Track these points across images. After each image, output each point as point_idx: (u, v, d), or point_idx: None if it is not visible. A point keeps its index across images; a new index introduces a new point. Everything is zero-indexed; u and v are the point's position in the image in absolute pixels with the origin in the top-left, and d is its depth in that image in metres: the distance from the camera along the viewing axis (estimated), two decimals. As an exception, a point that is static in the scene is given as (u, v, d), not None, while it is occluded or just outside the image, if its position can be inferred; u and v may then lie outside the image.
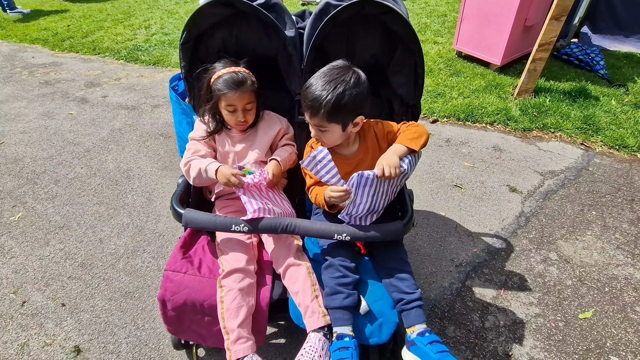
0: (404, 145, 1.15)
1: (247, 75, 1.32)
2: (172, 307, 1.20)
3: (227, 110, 1.33)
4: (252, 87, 1.32)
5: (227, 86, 1.28)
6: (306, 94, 1.15)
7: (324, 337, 1.11)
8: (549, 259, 1.90)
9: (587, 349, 1.51)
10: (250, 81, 1.31)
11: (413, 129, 1.21)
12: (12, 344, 1.53)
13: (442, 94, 3.33)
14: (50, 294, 1.73)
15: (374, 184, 1.11)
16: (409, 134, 1.19)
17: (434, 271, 1.85)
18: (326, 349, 1.09)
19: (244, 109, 1.33)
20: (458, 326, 1.60)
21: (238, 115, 1.33)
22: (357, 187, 1.10)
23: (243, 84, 1.29)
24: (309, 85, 1.15)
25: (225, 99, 1.31)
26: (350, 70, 1.15)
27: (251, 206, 1.17)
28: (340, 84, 1.11)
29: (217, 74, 1.30)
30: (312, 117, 1.16)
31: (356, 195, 1.12)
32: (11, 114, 3.15)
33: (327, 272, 1.17)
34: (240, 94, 1.29)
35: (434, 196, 2.29)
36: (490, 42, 3.51)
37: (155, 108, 3.27)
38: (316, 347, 1.07)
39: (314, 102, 1.12)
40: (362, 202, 1.14)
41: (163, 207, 2.20)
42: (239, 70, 1.31)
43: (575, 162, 2.60)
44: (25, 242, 1.99)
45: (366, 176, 1.09)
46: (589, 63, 3.59)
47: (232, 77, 1.29)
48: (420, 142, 1.17)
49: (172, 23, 5.14)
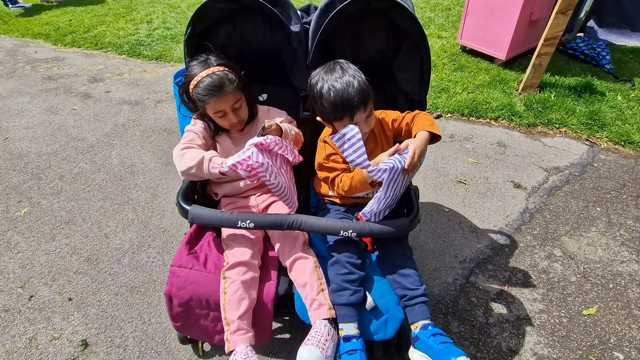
0: (427, 131, 1.15)
1: (224, 75, 1.23)
2: (179, 302, 1.21)
3: (217, 116, 1.29)
4: (233, 86, 1.24)
5: (207, 94, 1.21)
6: (336, 98, 1.13)
7: (330, 325, 1.12)
8: (553, 255, 1.90)
9: (590, 345, 1.52)
10: (227, 81, 1.23)
11: (425, 117, 1.21)
12: (20, 337, 1.55)
13: (446, 89, 3.31)
14: (57, 289, 1.74)
15: (399, 175, 1.07)
16: (424, 121, 1.19)
17: (437, 267, 1.85)
18: (332, 335, 1.09)
19: (233, 109, 1.28)
20: (462, 322, 1.61)
21: (230, 118, 1.29)
22: (389, 181, 1.07)
23: (222, 88, 1.22)
24: (333, 90, 1.14)
25: (210, 107, 1.26)
26: (337, 63, 1.20)
27: (256, 157, 1.06)
28: (345, 72, 1.15)
29: (193, 83, 1.23)
30: (358, 112, 1.15)
31: (389, 188, 1.08)
32: (15, 109, 3.16)
33: (333, 269, 1.18)
34: (224, 97, 1.23)
35: (438, 192, 2.29)
36: (495, 36, 3.48)
37: (159, 103, 3.26)
38: (322, 332, 1.08)
39: (351, 98, 1.12)
40: (386, 196, 1.11)
41: (167, 203, 2.21)
42: (212, 71, 1.22)
43: (580, 158, 2.59)
44: (31, 237, 2.00)
45: (397, 169, 1.04)
46: (595, 58, 3.56)
47: (209, 83, 1.21)
48: (437, 128, 1.17)
49: (174, 17, 5.11)
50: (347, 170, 1.31)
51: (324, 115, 1.22)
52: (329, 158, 1.32)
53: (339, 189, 1.31)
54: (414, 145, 1.09)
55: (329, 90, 1.15)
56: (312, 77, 1.22)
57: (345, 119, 1.16)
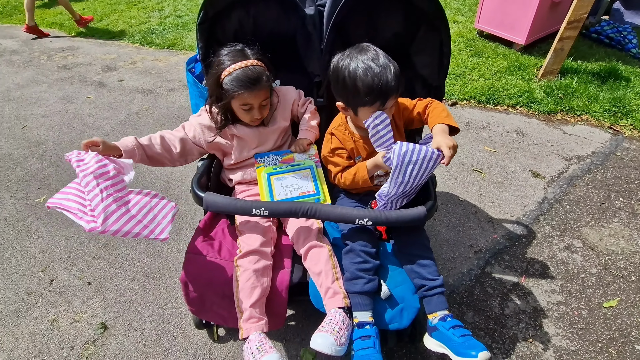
0: (446, 124, 1.11)
1: (261, 70, 1.21)
2: (194, 288, 1.23)
3: (242, 109, 1.26)
4: (267, 83, 1.22)
5: (242, 85, 1.18)
6: (373, 80, 1.08)
7: (345, 314, 1.11)
8: (573, 246, 1.85)
9: (611, 337, 1.48)
10: (265, 76, 1.21)
11: (440, 108, 1.17)
12: (42, 319, 1.60)
13: (462, 75, 3.22)
14: (77, 273, 1.79)
15: (425, 163, 1.03)
16: (440, 113, 1.15)
17: (452, 257, 1.83)
18: (347, 324, 1.09)
19: (260, 106, 1.26)
20: (477, 312, 1.59)
21: (254, 114, 1.26)
22: (405, 162, 1.02)
23: (258, 82, 1.19)
24: (370, 72, 1.09)
25: (239, 99, 1.22)
26: (367, 45, 1.16)
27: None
28: (379, 54, 1.12)
29: (227, 70, 1.19)
30: (391, 98, 1.12)
31: (400, 172, 1.04)
32: (32, 98, 3.21)
33: (347, 257, 1.17)
34: (256, 92, 1.21)
35: (453, 181, 2.24)
36: (515, 20, 3.34)
37: (171, 92, 3.27)
38: (337, 320, 1.08)
39: (389, 82, 1.09)
40: (404, 181, 1.06)
41: (181, 190, 2.23)
42: (251, 64, 1.20)
43: (603, 146, 2.49)
44: (50, 222, 2.05)
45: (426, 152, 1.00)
46: (621, 42, 3.39)
47: (245, 75, 1.18)
48: (453, 120, 1.13)
49: (185, 5, 5.07)
50: (350, 166, 1.29)
51: (351, 97, 1.16)
52: (333, 152, 1.30)
53: (341, 184, 1.30)
54: (444, 142, 1.04)
55: (366, 71, 1.09)
56: (341, 58, 1.17)
57: (376, 103, 1.12)
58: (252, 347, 1.08)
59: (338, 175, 1.29)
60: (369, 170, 1.21)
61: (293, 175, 1.30)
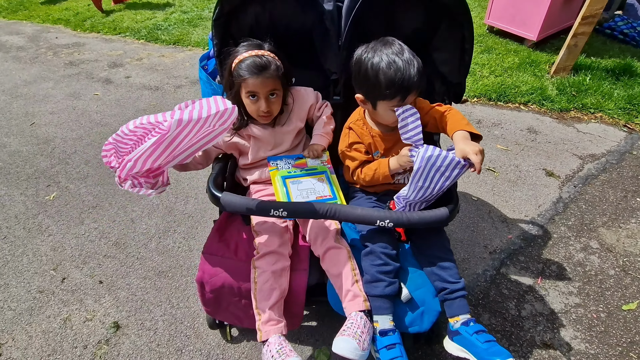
0: (467, 131, 1.08)
1: (271, 59, 1.20)
2: (210, 289, 1.21)
3: (249, 100, 1.24)
4: (276, 73, 1.20)
5: (248, 71, 1.18)
6: (397, 73, 1.07)
7: (366, 317, 1.09)
8: (590, 247, 1.82)
9: (631, 341, 1.46)
10: (274, 65, 1.20)
11: (459, 115, 1.14)
12: (55, 318, 1.60)
13: (472, 72, 3.17)
14: (88, 272, 1.78)
15: (449, 171, 1.00)
16: (459, 120, 1.12)
17: (466, 257, 1.80)
18: (368, 328, 1.07)
19: (266, 97, 1.23)
20: (493, 314, 1.57)
21: (260, 105, 1.23)
22: (428, 167, 1.00)
23: (266, 69, 1.18)
24: (394, 65, 1.07)
25: (245, 85, 1.21)
26: (392, 39, 1.14)
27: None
28: (404, 49, 1.10)
29: (239, 57, 1.20)
30: (412, 94, 1.11)
31: (421, 176, 1.02)
32: (40, 95, 3.20)
33: (367, 259, 1.15)
34: (263, 79, 1.18)
35: (466, 180, 2.21)
36: (526, 15, 3.29)
37: (178, 89, 3.25)
38: (358, 323, 1.06)
39: (412, 77, 1.07)
40: (424, 186, 1.04)
41: (191, 189, 2.21)
42: (263, 53, 1.20)
43: (618, 145, 2.45)
44: (61, 220, 2.04)
45: (452, 159, 0.98)
46: (635, 37, 3.34)
47: (254, 61, 1.18)
48: (473, 128, 1.10)
49: (191, 0, 5.04)
50: (369, 161, 1.27)
51: (371, 90, 1.15)
52: (351, 146, 1.28)
53: (360, 180, 1.27)
54: (470, 149, 1.00)
55: (390, 64, 1.08)
56: (365, 50, 1.15)
57: (396, 98, 1.10)
58: (271, 350, 1.06)
59: (358, 171, 1.26)
60: (392, 168, 1.18)
61: (309, 180, 1.28)
